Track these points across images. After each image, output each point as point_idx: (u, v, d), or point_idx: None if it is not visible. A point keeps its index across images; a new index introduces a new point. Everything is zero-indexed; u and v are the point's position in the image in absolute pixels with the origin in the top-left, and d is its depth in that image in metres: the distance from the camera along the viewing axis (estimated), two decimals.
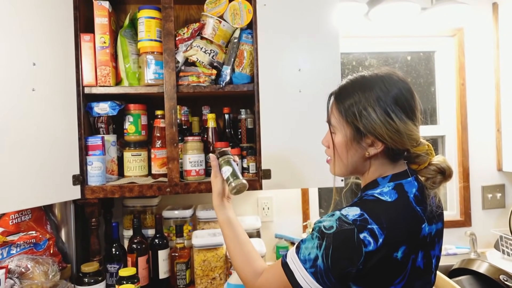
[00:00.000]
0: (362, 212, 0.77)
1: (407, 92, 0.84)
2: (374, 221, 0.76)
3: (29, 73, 1.21)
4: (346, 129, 0.86)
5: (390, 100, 0.81)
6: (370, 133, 0.82)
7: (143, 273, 1.48)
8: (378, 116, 0.81)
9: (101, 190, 1.38)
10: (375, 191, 0.83)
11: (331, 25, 1.42)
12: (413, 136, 0.83)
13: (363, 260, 0.74)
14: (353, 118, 0.83)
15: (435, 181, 0.85)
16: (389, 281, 0.78)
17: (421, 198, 0.83)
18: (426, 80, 2.07)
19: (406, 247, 0.77)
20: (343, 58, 1.99)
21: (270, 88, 1.41)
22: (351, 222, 0.76)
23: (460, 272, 1.57)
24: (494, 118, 1.99)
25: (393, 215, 0.78)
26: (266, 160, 1.41)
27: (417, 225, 0.81)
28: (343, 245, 0.75)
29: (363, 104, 0.82)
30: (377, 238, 0.74)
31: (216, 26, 1.44)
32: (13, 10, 1.16)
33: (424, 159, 0.87)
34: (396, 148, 0.83)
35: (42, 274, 1.27)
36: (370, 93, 0.82)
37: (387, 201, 0.80)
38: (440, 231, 0.89)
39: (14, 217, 1.35)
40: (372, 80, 0.85)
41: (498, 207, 1.99)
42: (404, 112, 0.82)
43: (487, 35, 1.97)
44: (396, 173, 0.86)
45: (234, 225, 1.03)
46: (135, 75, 1.45)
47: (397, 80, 0.85)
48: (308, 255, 0.77)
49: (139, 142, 1.51)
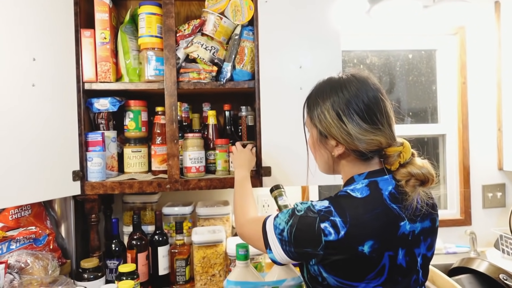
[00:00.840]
0: (329, 205, 0.82)
1: (367, 96, 0.86)
2: (338, 214, 0.80)
3: (29, 68, 1.20)
4: (313, 130, 0.94)
5: (343, 103, 0.86)
6: (328, 135, 0.89)
7: (143, 269, 1.48)
8: (331, 119, 0.87)
9: (101, 186, 1.38)
10: (348, 187, 0.87)
11: (333, 22, 1.42)
12: (367, 140, 0.85)
13: (322, 247, 0.80)
14: (315, 121, 0.91)
15: (411, 184, 0.84)
16: (359, 274, 0.81)
17: (398, 196, 0.84)
18: (428, 78, 2.07)
19: (375, 242, 0.79)
20: (344, 55, 1.99)
21: (271, 85, 1.40)
22: (316, 211, 0.82)
23: (460, 271, 1.57)
24: (496, 117, 1.98)
25: (360, 210, 0.81)
26: (266, 157, 1.41)
27: (392, 223, 0.82)
28: (304, 229, 0.82)
29: (321, 107, 0.89)
30: (339, 230, 0.79)
31: (217, 23, 1.44)
32: (13, 4, 1.16)
33: (392, 161, 0.87)
34: (357, 149, 0.86)
35: (41, 270, 1.27)
36: (328, 97, 0.88)
37: (357, 197, 0.83)
38: (428, 230, 0.88)
39: (14, 213, 1.36)
40: (334, 84, 0.90)
41: (498, 206, 1.99)
42: (359, 116, 0.85)
43: (489, 33, 1.97)
44: (373, 170, 0.89)
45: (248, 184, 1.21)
46: (135, 71, 1.45)
47: (359, 84, 0.88)
48: (279, 225, 0.88)
49: (139, 139, 1.51)
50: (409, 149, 0.88)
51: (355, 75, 0.91)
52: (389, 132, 0.88)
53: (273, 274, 1.25)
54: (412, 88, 2.07)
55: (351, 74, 0.91)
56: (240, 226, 1.08)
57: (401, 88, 2.06)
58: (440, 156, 2.07)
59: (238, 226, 1.09)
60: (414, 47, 2.02)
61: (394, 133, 0.89)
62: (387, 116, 0.87)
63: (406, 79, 2.06)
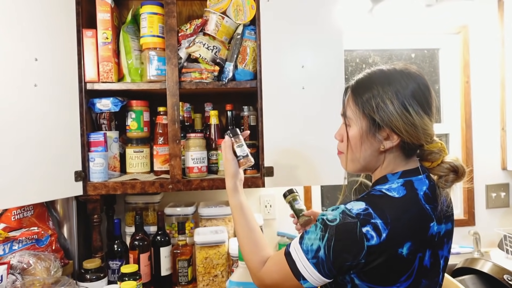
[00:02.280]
0: (367, 207, 0.78)
1: (425, 87, 0.85)
2: (378, 216, 0.76)
3: (31, 69, 1.20)
4: (362, 121, 0.86)
5: (408, 93, 0.82)
6: (386, 126, 0.83)
7: (145, 270, 1.48)
8: (395, 109, 0.82)
9: (103, 187, 1.38)
10: (383, 187, 0.83)
11: (335, 22, 1.41)
12: (428, 131, 0.84)
13: (365, 253, 0.75)
14: (370, 110, 0.84)
15: (448, 180, 0.85)
16: (394, 278, 0.78)
17: (431, 196, 0.83)
18: (430, 77, 2.06)
19: (412, 244, 0.77)
20: (347, 55, 1.98)
21: (273, 85, 1.40)
22: (354, 215, 0.76)
23: (464, 271, 1.56)
24: (499, 117, 1.97)
25: (399, 211, 0.78)
26: (268, 157, 1.40)
27: (425, 223, 0.81)
28: (345, 238, 0.76)
29: (381, 97, 0.83)
30: (381, 233, 0.75)
31: (219, 22, 1.43)
32: (15, 5, 1.16)
33: (437, 157, 0.86)
34: (411, 142, 0.83)
35: (44, 270, 1.26)
36: (389, 87, 0.83)
37: (394, 197, 0.80)
38: (450, 232, 0.88)
39: (16, 213, 1.35)
40: (391, 74, 0.86)
41: (502, 206, 1.98)
42: (421, 107, 0.83)
43: (492, 32, 1.96)
44: (407, 169, 0.86)
45: (246, 211, 1.02)
46: (137, 71, 1.45)
47: (415, 75, 0.86)
48: (310, 246, 0.79)
49: (141, 139, 1.50)
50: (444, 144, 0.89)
51: (407, 67, 0.88)
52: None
53: None
54: None
55: (403, 66, 0.88)
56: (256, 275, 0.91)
57: None
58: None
59: (254, 273, 0.91)
60: (417, 46, 2.01)
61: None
62: (436, 110, 0.88)
63: None
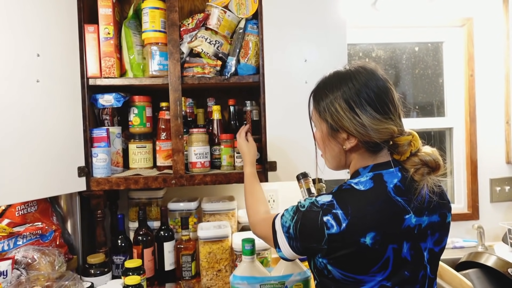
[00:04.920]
0: (332, 199, 0.83)
1: (377, 86, 0.86)
2: (340, 207, 0.81)
3: (33, 64, 1.20)
4: (322, 125, 0.92)
5: (354, 94, 0.85)
6: (340, 128, 0.87)
7: (149, 265, 1.49)
8: (343, 111, 0.85)
9: (106, 182, 1.38)
10: (353, 181, 0.86)
11: (338, 15, 1.40)
12: (381, 129, 0.84)
13: (326, 240, 0.80)
14: (325, 114, 0.89)
15: (421, 172, 0.85)
16: (364, 267, 0.81)
17: (404, 189, 0.84)
18: (434, 71, 2.04)
19: (376, 234, 0.79)
20: (350, 49, 1.96)
21: (276, 79, 1.39)
22: (319, 205, 0.83)
23: (468, 265, 1.56)
24: (503, 110, 1.96)
25: (362, 202, 0.81)
26: (271, 152, 1.40)
27: (397, 215, 0.82)
28: (308, 224, 0.84)
29: (331, 100, 0.87)
30: (340, 223, 0.80)
31: (221, 17, 1.42)
32: (17, 1, 1.15)
33: (404, 149, 0.87)
34: (369, 140, 0.85)
35: (48, 265, 1.27)
36: (338, 90, 0.87)
37: (360, 190, 0.83)
38: (436, 225, 0.87)
39: (20, 209, 1.36)
40: (342, 77, 0.89)
41: (506, 200, 1.97)
42: (371, 106, 0.84)
43: (497, 25, 1.93)
44: (378, 163, 0.88)
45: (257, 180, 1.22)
46: (139, 66, 1.44)
47: (367, 74, 0.88)
48: (285, 222, 0.90)
49: (144, 134, 1.50)
50: (418, 138, 0.89)
51: (362, 66, 0.90)
52: (399, 121, 0.89)
53: (279, 269, 1.24)
54: (419, 81, 2.04)
55: (358, 65, 0.91)
56: (253, 225, 1.09)
57: (407, 81, 2.04)
58: (447, 150, 2.05)
59: (251, 225, 1.10)
60: (421, 39, 2.00)
61: (402, 122, 0.90)
62: (396, 105, 0.88)
63: (413, 72, 2.04)
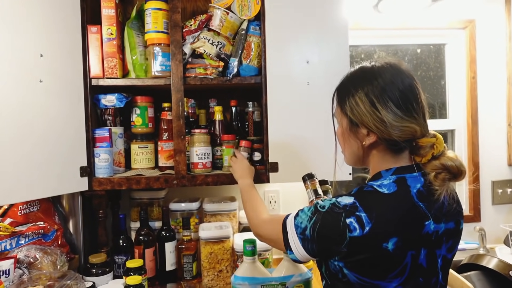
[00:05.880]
0: (355, 201, 0.81)
1: (402, 83, 0.85)
2: (364, 210, 0.79)
3: (36, 64, 1.21)
4: (343, 120, 0.92)
5: (378, 90, 0.84)
6: (360, 124, 0.86)
7: (150, 265, 1.49)
8: (364, 106, 0.85)
9: (108, 182, 1.38)
10: (375, 183, 0.84)
11: (340, 17, 1.40)
12: (402, 127, 0.82)
13: (347, 243, 0.78)
14: (347, 110, 0.88)
15: (441, 178, 0.82)
16: (382, 272, 0.79)
17: (426, 194, 0.82)
18: (436, 73, 2.04)
19: (398, 240, 0.77)
20: (352, 50, 1.97)
21: (278, 81, 1.39)
22: (341, 207, 0.81)
23: (469, 267, 1.56)
24: (506, 112, 1.96)
25: (386, 206, 0.80)
26: (273, 153, 1.40)
27: (418, 221, 0.80)
28: (329, 225, 0.81)
29: (353, 95, 0.87)
30: (364, 226, 0.77)
31: (223, 18, 1.43)
32: (20, 1, 1.16)
33: (426, 151, 0.84)
34: (389, 138, 0.83)
35: (50, 265, 1.28)
36: (362, 85, 0.86)
37: (383, 193, 0.81)
38: (451, 232, 0.86)
39: (22, 208, 1.37)
40: (366, 72, 0.88)
41: (508, 202, 1.97)
42: (394, 103, 0.83)
43: (499, 27, 1.93)
44: (401, 166, 0.86)
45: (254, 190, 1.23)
46: (142, 67, 1.45)
47: (394, 70, 0.86)
48: (300, 224, 0.86)
49: (146, 135, 1.51)
50: (442, 141, 0.86)
51: (389, 63, 0.89)
52: (423, 122, 0.86)
53: (280, 270, 1.25)
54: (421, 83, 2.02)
55: (384, 62, 0.89)
56: (255, 227, 1.08)
57: None
58: None
59: (253, 226, 1.09)
60: (423, 41, 2.00)
61: (427, 123, 0.87)
62: (422, 105, 0.86)
63: (415, 74, 2.04)
